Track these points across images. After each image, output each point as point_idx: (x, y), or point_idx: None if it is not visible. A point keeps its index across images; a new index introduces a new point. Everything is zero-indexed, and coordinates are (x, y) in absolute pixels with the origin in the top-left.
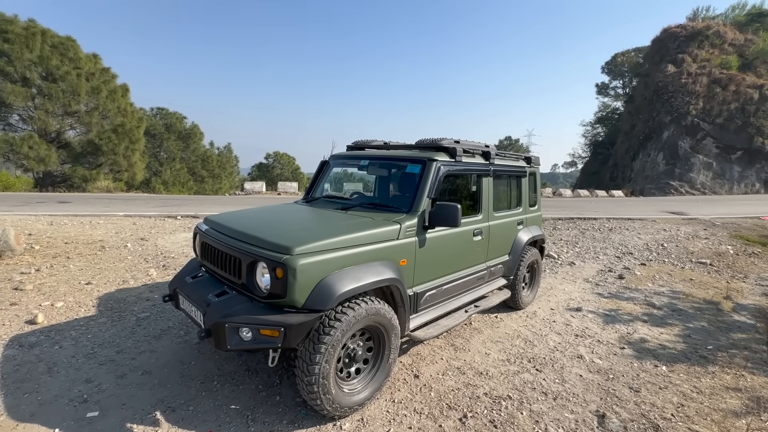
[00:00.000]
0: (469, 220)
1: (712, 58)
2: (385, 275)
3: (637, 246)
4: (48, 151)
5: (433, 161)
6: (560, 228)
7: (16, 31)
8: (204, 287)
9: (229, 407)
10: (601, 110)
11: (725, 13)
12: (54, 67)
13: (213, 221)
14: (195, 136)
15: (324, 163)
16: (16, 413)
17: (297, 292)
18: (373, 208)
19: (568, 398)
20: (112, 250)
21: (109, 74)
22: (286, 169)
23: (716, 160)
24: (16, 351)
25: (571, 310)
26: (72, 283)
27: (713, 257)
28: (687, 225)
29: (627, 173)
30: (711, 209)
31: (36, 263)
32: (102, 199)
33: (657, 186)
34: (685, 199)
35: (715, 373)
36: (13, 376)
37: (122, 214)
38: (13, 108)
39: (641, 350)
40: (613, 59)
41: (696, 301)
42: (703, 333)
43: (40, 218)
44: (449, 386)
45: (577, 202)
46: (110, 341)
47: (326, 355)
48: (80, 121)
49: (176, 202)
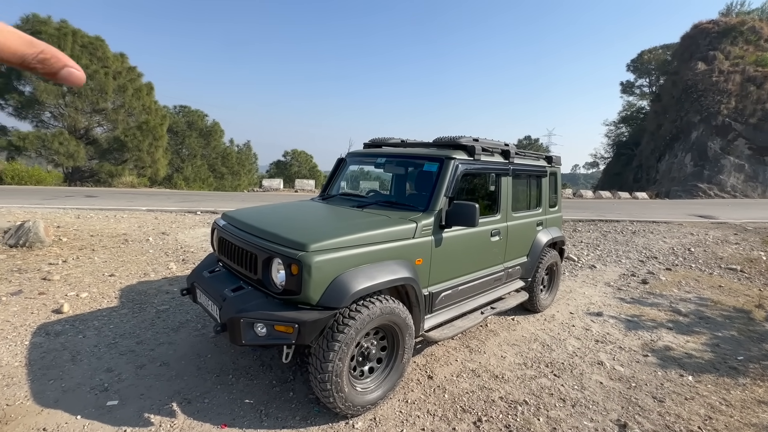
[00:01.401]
0: (487, 220)
1: (746, 55)
2: (400, 274)
3: (662, 250)
4: (77, 147)
5: (451, 159)
6: (581, 230)
7: (50, 31)
8: (221, 282)
9: (243, 401)
10: (626, 109)
11: (762, 8)
12: (83, 66)
13: (231, 217)
14: (215, 134)
15: (341, 161)
16: (41, 399)
17: (312, 288)
18: (390, 206)
19: (588, 406)
20: (135, 243)
21: (134, 73)
22: (304, 167)
23: (748, 161)
24: (43, 339)
25: (592, 314)
26: (96, 274)
27: (744, 263)
28: (716, 229)
29: (652, 175)
30: (742, 213)
31: (63, 255)
32: (126, 194)
33: (684, 188)
34: (714, 203)
35: (746, 385)
36: (40, 363)
37: (145, 209)
38: (45, 105)
39: (666, 358)
40: (640, 56)
41: (725, 309)
42: (732, 342)
43: (68, 211)
44: (463, 388)
45: (599, 204)
46: (131, 332)
47: (340, 352)
48: (107, 119)
49: (196, 197)
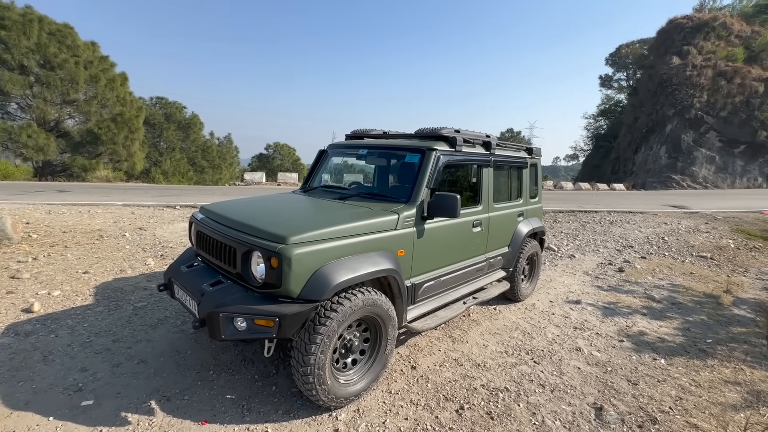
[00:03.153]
0: (469, 211)
1: (717, 50)
2: (382, 266)
3: (638, 239)
4: (47, 140)
5: (433, 151)
6: (561, 220)
7: (13, 17)
8: (199, 277)
9: (225, 397)
10: (604, 103)
11: (732, 4)
12: (52, 54)
13: (209, 210)
14: (195, 126)
15: (322, 153)
16: (10, 401)
17: (292, 281)
18: (372, 198)
19: (566, 390)
20: (110, 239)
21: (107, 63)
22: (286, 160)
23: (719, 153)
24: (12, 339)
25: (570, 302)
26: (69, 272)
27: (714, 251)
28: (688, 219)
29: (629, 166)
30: (713, 203)
31: (33, 252)
32: (101, 189)
33: (659, 179)
34: (686, 193)
35: (714, 366)
36: (8, 365)
37: (121, 204)
38: (11, 96)
39: (640, 343)
40: (618, 51)
41: (696, 295)
42: (702, 326)
43: (38, 207)
44: (446, 378)
45: (578, 195)
46: (106, 330)
47: (322, 345)
48: (79, 110)
49: (175, 192)
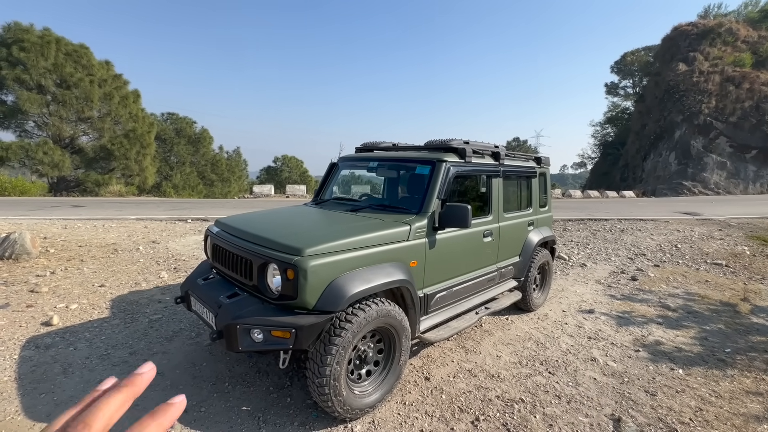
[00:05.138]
0: (480, 221)
1: (724, 56)
2: (395, 276)
3: (650, 247)
4: (62, 157)
5: (443, 162)
6: (570, 229)
7: (32, 39)
8: (215, 289)
9: (241, 409)
10: (611, 110)
11: (738, 10)
12: (68, 74)
13: (224, 224)
14: (204, 141)
15: (333, 165)
16: (32, 413)
17: (308, 293)
18: (383, 209)
19: (582, 402)
20: (125, 253)
21: (120, 80)
22: (294, 173)
23: (730, 159)
24: (33, 352)
25: (584, 312)
26: (86, 285)
27: (729, 258)
28: (701, 226)
29: (638, 173)
30: (726, 209)
31: (51, 266)
32: (114, 203)
33: (669, 186)
34: (698, 200)
35: (735, 376)
36: (30, 377)
37: (134, 218)
38: (28, 115)
39: (656, 353)
40: (623, 58)
41: (712, 303)
42: (720, 336)
43: (54, 222)
44: (460, 389)
45: (587, 203)
46: (123, 343)
47: (337, 356)
48: (93, 127)
49: (186, 205)
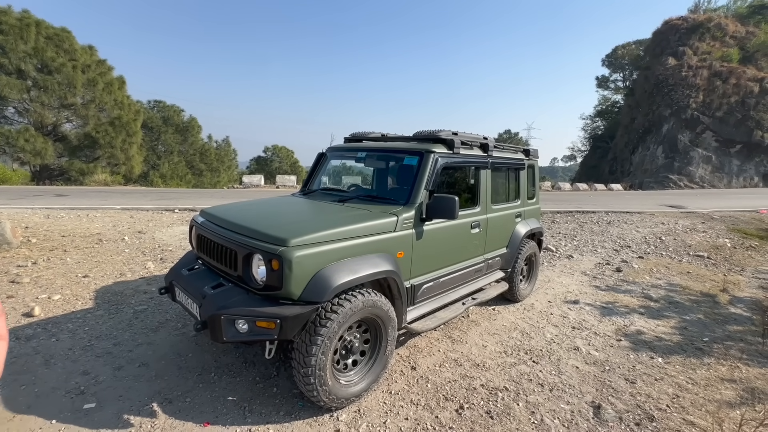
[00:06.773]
0: (467, 213)
1: (713, 50)
2: (381, 267)
3: (635, 239)
4: (44, 145)
5: (431, 153)
6: (558, 221)
7: (10, 22)
8: (200, 279)
9: (226, 399)
10: (601, 103)
11: (727, 6)
12: (49, 58)
13: (209, 213)
14: (193, 130)
15: (321, 156)
16: (13, 405)
17: (293, 284)
18: (371, 200)
19: (564, 389)
20: (110, 243)
21: (105, 66)
22: (285, 163)
23: (715, 153)
24: (13, 344)
25: (569, 302)
26: (69, 276)
27: (711, 250)
28: (685, 218)
29: (626, 167)
30: (709, 203)
31: (33, 256)
32: (99, 193)
33: (656, 179)
34: (683, 193)
35: (711, 364)
36: (10, 369)
37: (119, 208)
38: (8, 101)
39: (637, 342)
40: (614, 52)
41: (693, 294)
42: (699, 325)
43: (36, 211)
44: (446, 378)
45: (576, 196)
46: (107, 334)
47: (323, 346)
48: (77, 114)
49: (174, 195)
